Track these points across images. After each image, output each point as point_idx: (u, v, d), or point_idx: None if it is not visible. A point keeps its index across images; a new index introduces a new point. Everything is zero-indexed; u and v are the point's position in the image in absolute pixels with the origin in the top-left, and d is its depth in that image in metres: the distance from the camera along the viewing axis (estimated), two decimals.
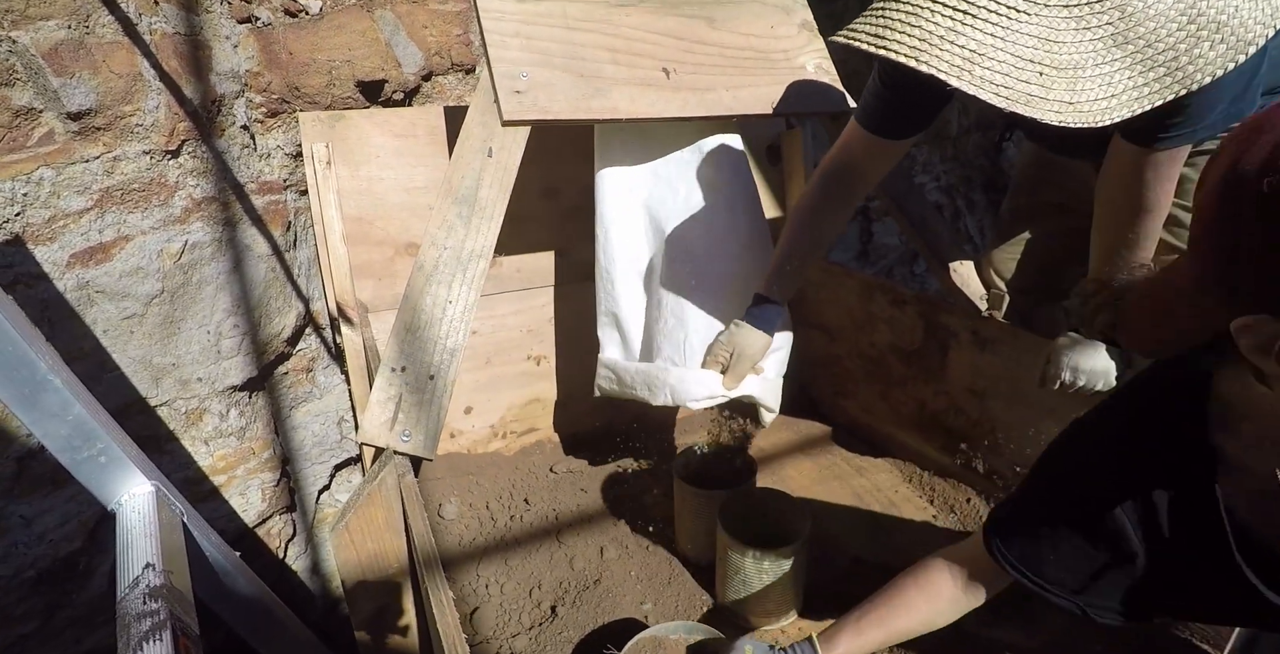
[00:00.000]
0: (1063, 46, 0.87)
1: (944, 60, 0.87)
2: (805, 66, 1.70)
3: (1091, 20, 0.87)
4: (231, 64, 1.56)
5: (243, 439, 1.68)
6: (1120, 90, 0.89)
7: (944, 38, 0.87)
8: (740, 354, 1.48)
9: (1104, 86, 0.89)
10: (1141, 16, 0.87)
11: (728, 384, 1.49)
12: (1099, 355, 1.37)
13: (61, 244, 1.36)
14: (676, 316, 1.59)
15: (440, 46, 1.82)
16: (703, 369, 1.51)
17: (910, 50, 0.88)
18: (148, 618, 0.82)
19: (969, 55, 0.86)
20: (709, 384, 1.48)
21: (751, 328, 1.48)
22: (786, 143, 2.06)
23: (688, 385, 1.49)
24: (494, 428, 1.87)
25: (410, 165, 1.68)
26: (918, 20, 0.89)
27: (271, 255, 1.67)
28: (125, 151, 1.40)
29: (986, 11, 0.87)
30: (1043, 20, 0.87)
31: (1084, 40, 0.88)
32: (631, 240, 1.64)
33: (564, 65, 1.38)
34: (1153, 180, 1.18)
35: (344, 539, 1.13)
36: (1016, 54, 0.87)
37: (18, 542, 1.37)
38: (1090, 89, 0.88)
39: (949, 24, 0.87)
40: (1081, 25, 0.87)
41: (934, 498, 1.72)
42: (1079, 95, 0.88)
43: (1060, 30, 0.87)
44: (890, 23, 0.91)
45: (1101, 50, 0.88)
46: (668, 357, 1.59)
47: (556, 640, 1.32)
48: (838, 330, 2.01)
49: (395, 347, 1.24)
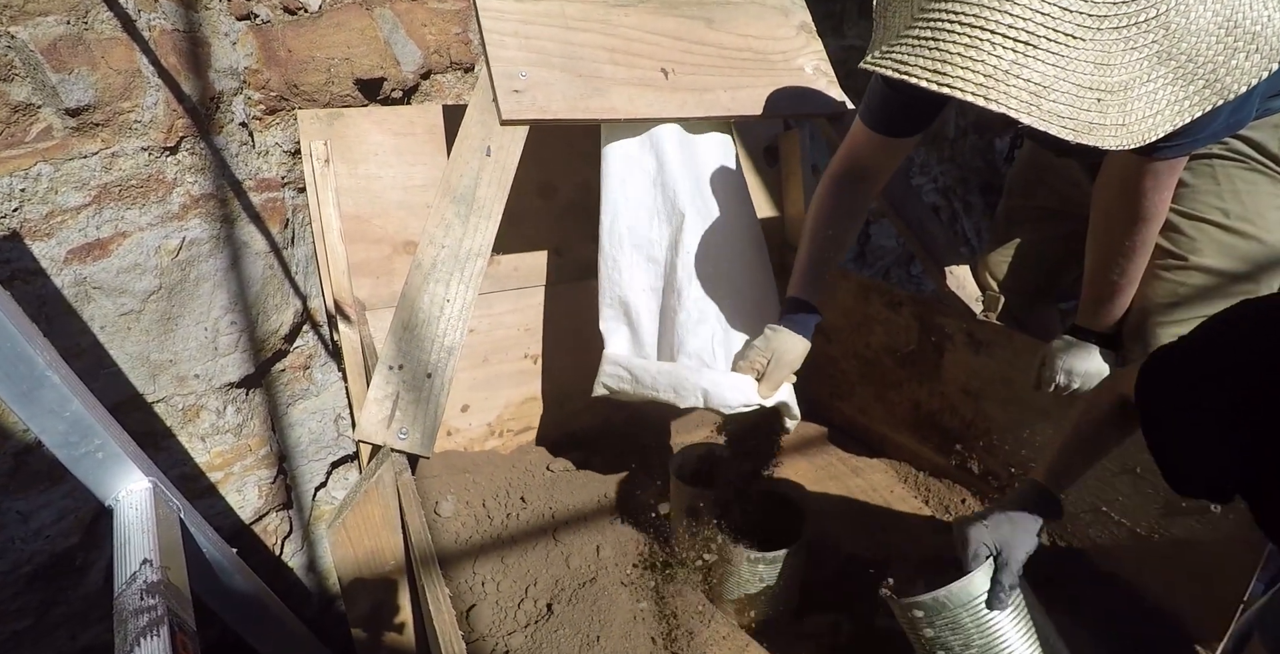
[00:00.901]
0: (1114, 69, 0.86)
1: (1012, 97, 0.84)
2: (804, 68, 1.70)
3: (1139, 40, 0.86)
4: (230, 61, 1.56)
5: (239, 436, 1.69)
6: (1164, 105, 0.89)
7: (1009, 72, 0.84)
8: (779, 361, 1.41)
9: (1150, 104, 0.89)
10: (1184, 32, 0.86)
11: (764, 392, 1.41)
12: (1092, 358, 1.38)
13: (59, 240, 1.36)
14: (700, 310, 1.50)
15: (439, 45, 1.83)
16: (736, 373, 1.44)
17: (977, 88, 0.85)
18: (145, 614, 0.82)
19: (1035, 90, 0.84)
20: (745, 391, 1.40)
21: (791, 333, 1.42)
22: (784, 144, 2.07)
23: (722, 390, 1.40)
24: (491, 426, 1.88)
25: (409, 164, 1.68)
26: (979, 54, 0.85)
27: (269, 252, 1.67)
28: (123, 148, 1.40)
29: (1047, 41, 0.84)
30: (1097, 45, 0.85)
31: (1132, 60, 0.87)
32: (640, 224, 1.56)
33: (562, 65, 1.38)
34: (1151, 189, 1.19)
35: (341, 536, 1.14)
36: (1077, 82, 0.85)
37: (14, 537, 1.37)
38: (1139, 108, 0.88)
39: (1012, 57, 0.84)
40: (1130, 45, 0.86)
41: (929, 498, 1.73)
42: (1129, 116, 0.88)
43: (1112, 53, 0.86)
44: (948, 56, 0.87)
45: (1148, 68, 0.88)
46: (694, 353, 1.48)
47: (552, 638, 1.32)
48: (834, 332, 2.02)
49: (393, 345, 1.24)
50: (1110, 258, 1.30)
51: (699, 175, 1.61)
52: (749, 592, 1.32)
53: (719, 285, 1.53)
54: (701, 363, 1.46)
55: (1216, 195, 1.33)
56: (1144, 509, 1.36)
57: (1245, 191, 1.31)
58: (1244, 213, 1.32)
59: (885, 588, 1.16)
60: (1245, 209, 1.32)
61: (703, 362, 1.46)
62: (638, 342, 1.57)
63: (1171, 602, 1.33)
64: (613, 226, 1.55)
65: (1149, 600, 1.36)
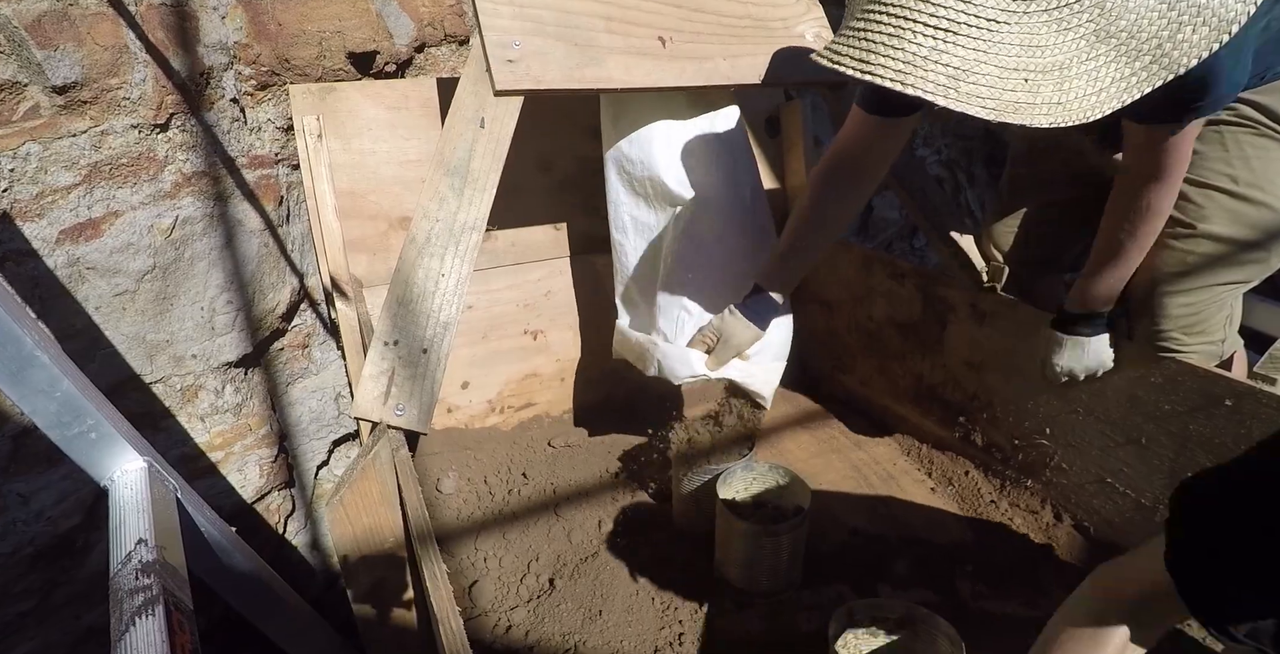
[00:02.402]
0: (1045, 50, 0.88)
1: (929, 81, 0.87)
2: (804, 35, 1.66)
3: (1072, 21, 0.87)
4: (219, 35, 1.53)
5: (239, 415, 1.68)
6: (1107, 83, 0.89)
7: (927, 58, 0.87)
8: (725, 342, 1.49)
9: (1092, 82, 0.89)
10: (1121, 9, 0.87)
11: (710, 365, 1.51)
12: (1088, 353, 1.37)
13: (50, 220, 1.35)
14: (672, 292, 1.60)
15: (433, 17, 1.79)
16: (688, 348, 1.53)
17: (896, 73, 0.88)
18: (140, 594, 0.82)
19: (954, 73, 0.87)
20: (692, 363, 1.50)
21: (741, 318, 1.49)
22: (786, 115, 2.03)
23: (671, 362, 1.51)
24: (491, 403, 1.87)
25: (403, 138, 1.66)
26: (900, 41, 0.89)
27: (264, 230, 1.66)
28: (113, 125, 1.38)
29: (967, 26, 0.87)
30: (1023, 27, 0.87)
31: (1066, 41, 0.88)
32: (640, 212, 1.64)
33: (557, 34, 1.35)
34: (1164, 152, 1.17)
35: (339, 514, 1.13)
36: (1000, 64, 0.87)
37: (15, 519, 1.37)
38: (1078, 86, 0.89)
39: (931, 44, 0.87)
40: (1063, 27, 0.87)
41: (932, 471, 1.72)
42: (1066, 94, 0.88)
43: (1041, 34, 0.87)
44: (874, 45, 0.90)
45: (1085, 48, 0.88)
46: (660, 330, 1.61)
47: (555, 613, 1.32)
48: (836, 304, 2.00)
49: (388, 320, 1.23)
50: (1121, 219, 1.27)
51: (698, 150, 1.59)
52: (752, 564, 1.32)
53: (699, 267, 1.61)
54: (663, 337, 1.61)
55: (1225, 162, 1.30)
56: (1149, 480, 1.35)
57: (1255, 157, 1.29)
58: (1253, 179, 1.29)
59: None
60: (1255, 175, 1.29)
61: (665, 336, 1.61)
62: (635, 315, 1.71)
63: None
64: (617, 215, 1.66)
65: None
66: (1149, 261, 1.42)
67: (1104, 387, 1.39)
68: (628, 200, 1.64)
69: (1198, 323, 1.40)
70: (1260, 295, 2.36)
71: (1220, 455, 1.22)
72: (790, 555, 1.33)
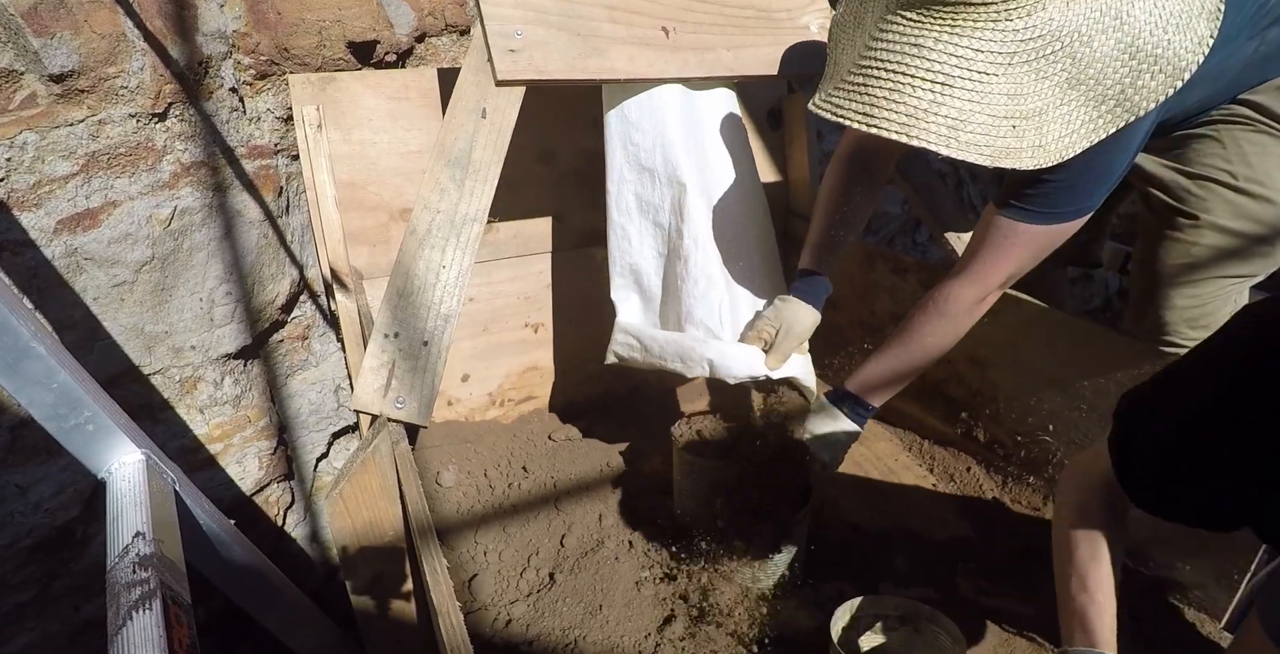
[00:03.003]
0: (1027, 98, 0.96)
1: (931, 132, 0.95)
2: (809, 26, 1.65)
3: (1048, 69, 0.95)
4: (218, 24, 1.51)
5: (238, 407, 1.67)
6: (1078, 125, 0.98)
7: (928, 111, 0.95)
8: (788, 331, 1.42)
9: (1065, 125, 0.98)
10: (1090, 59, 0.95)
11: (771, 363, 1.42)
12: (835, 430, 1.37)
13: (48, 210, 1.34)
14: (707, 277, 1.48)
15: (433, 6, 1.78)
16: (743, 344, 1.44)
17: (899, 127, 0.96)
18: (137, 587, 0.81)
19: (953, 124, 0.95)
20: (752, 362, 1.40)
21: (800, 303, 1.43)
22: (788, 107, 2.02)
23: (729, 361, 1.40)
24: (492, 396, 1.86)
25: (404, 129, 1.65)
26: (901, 95, 0.96)
27: (264, 221, 1.65)
28: (110, 115, 1.37)
29: (961, 80, 0.94)
30: (1009, 78, 0.95)
31: (1044, 88, 0.96)
32: (645, 190, 1.53)
33: (560, 23, 1.34)
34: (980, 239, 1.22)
35: (338, 507, 1.12)
36: (991, 113, 0.95)
37: (14, 511, 1.37)
38: (1054, 129, 0.97)
39: (930, 97, 0.95)
40: (1041, 76, 0.96)
41: (934, 466, 1.71)
42: (1045, 137, 0.97)
43: (1024, 84, 0.95)
44: (875, 100, 0.97)
45: (1059, 94, 0.97)
46: (700, 322, 1.47)
47: (555, 607, 1.31)
48: (839, 299, 1.98)
49: (388, 312, 1.22)
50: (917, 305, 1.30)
51: (702, 138, 1.57)
52: (754, 561, 1.32)
53: (725, 252, 1.51)
54: (709, 332, 1.46)
55: (1223, 158, 1.30)
56: None
57: (1253, 154, 1.28)
58: (1253, 175, 1.28)
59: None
60: (1254, 171, 1.28)
61: (710, 331, 1.46)
62: (649, 309, 1.58)
63: (1176, 572, 1.32)
64: (619, 194, 1.55)
65: (1154, 570, 1.35)
66: (1150, 256, 1.42)
67: (1107, 383, 1.38)
68: (633, 177, 1.52)
69: (1203, 317, 1.39)
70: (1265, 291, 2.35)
71: None
72: (793, 553, 1.33)
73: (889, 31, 0.98)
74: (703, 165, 1.54)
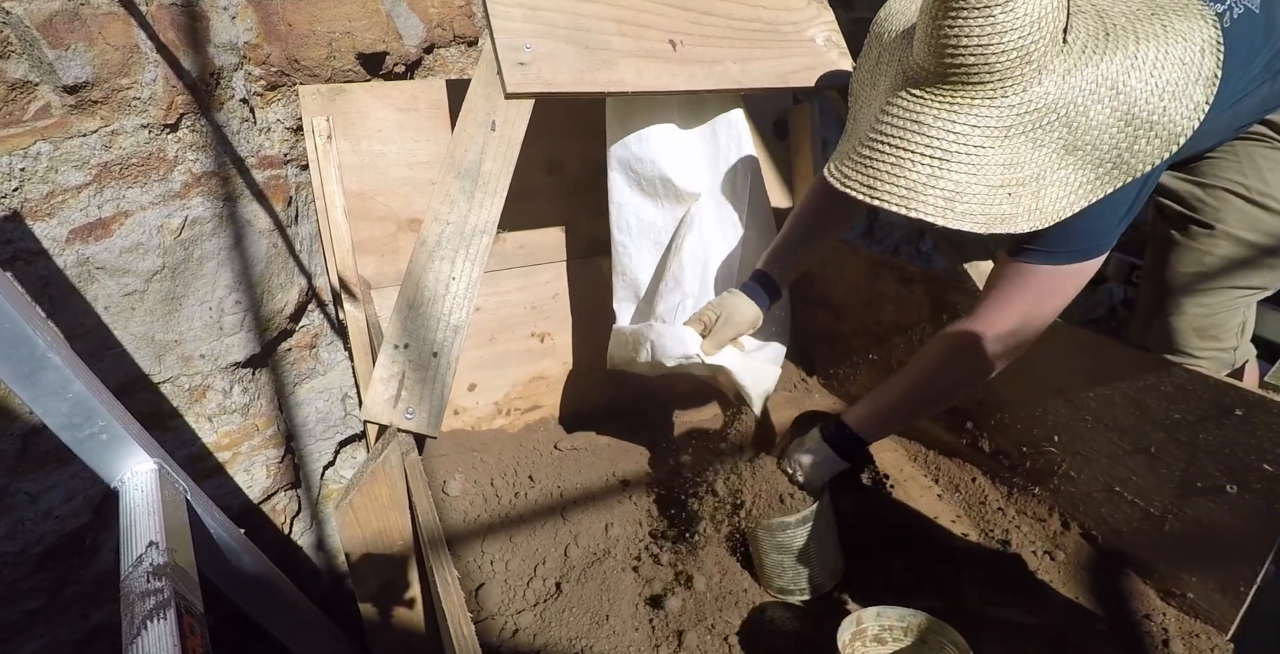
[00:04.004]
0: (1024, 165, 0.99)
1: (929, 204, 0.99)
2: (814, 39, 1.66)
3: (1044, 138, 0.99)
4: (229, 36, 1.53)
5: (246, 416, 1.68)
6: (1075, 186, 1.01)
7: (926, 184, 0.99)
8: (727, 319, 1.45)
9: (1063, 187, 1.01)
10: (1085, 126, 0.98)
11: (706, 348, 1.44)
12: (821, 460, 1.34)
13: (60, 219, 1.35)
14: (675, 279, 1.57)
15: (442, 18, 1.79)
16: (685, 326, 1.46)
17: (899, 200, 1.01)
18: (151, 596, 0.82)
19: (949, 195, 0.99)
20: (687, 342, 1.43)
21: (743, 296, 1.47)
22: (794, 118, 2.03)
23: (665, 340, 1.44)
24: (498, 405, 1.87)
25: (412, 140, 1.66)
26: (901, 170, 1.01)
27: (273, 231, 1.66)
28: (123, 125, 1.39)
29: (958, 154, 0.98)
30: (1006, 149, 0.98)
31: (1041, 155, 1.00)
32: (646, 211, 1.62)
33: (568, 37, 1.35)
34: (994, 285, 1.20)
35: (348, 517, 1.13)
36: (988, 183, 0.99)
37: (24, 518, 1.37)
38: (1052, 192, 1.01)
39: (929, 171, 0.99)
40: (1037, 144, 0.99)
41: (939, 477, 1.72)
42: (1042, 200, 1.01)
43: (1020, 152, 0.99)
44: (878, 173, 1.03)
45: (1056, 159, 1.00)
46: (660, 314, 1.56)
47: (562, 617, 1.32)
48: (844, 308, 2.00)
49: (398, 323, 1.23)
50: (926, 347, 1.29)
51: (701, 157, 1.60)
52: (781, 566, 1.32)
53: (703, 259, 1.59)
54: (660, 321, 1.53)
55: (1238, 171, 1.31)
56: (1158, 489, 1.35)
57: (1267, 169, 1.29)
58: (1266, 189, 1.30)
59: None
60: (1268, 186, 1.29)
61: (661, 320, 1.54)
62: (636, 315, 1.68)
63: (1183, 584, 1.32)
64: (620, 216, 1.63)
65: (1160, 582, 1.35)
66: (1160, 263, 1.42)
67: (1113, 394, 1.39)
68: (634, 200, 1.62)
69: (1211, 327, 1.40)
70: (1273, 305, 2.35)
71: (1231, 466, 1.22)
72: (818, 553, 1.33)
73: (894, 107, 1.04)
74: (704, 179, 1.61)
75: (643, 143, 1.57)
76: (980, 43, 0.93)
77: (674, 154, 1.58)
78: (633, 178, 1.61)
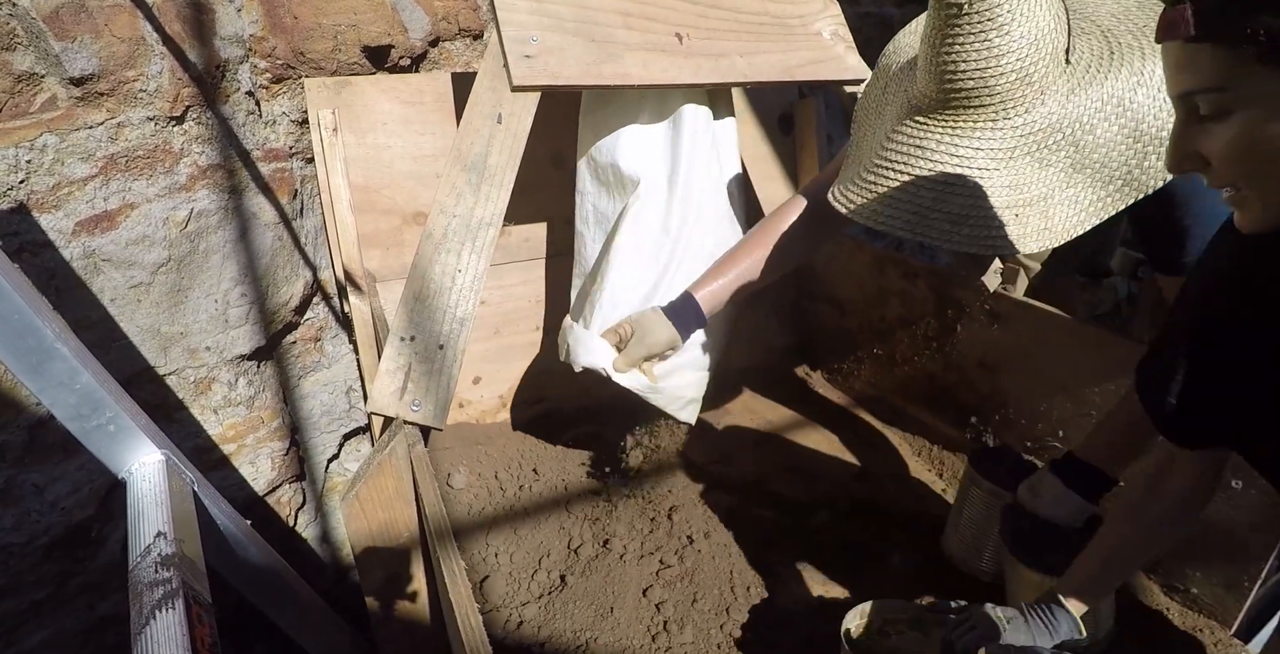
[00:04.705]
0: (1030, 186, 0.99)
1: (934, 229, 1.01)
2: (821, 33, 1.66)
3: (1050, 158, 0.98)
4: (235, 28, 1.53)
5: (252, 408, 1.68)
6: (1086, 204, 1.00)
7: (931, 208, 1.00)
8: (640, 339, 1.38)
9: (1072, 205, 1.00)
10: (1093, 145, 0.97)
11: (618, 365, 1.39)
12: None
13: (66, 212, 1.35)
14: (607, 281, 1.51)
15: (447, 11, 1.79)
16: (600, 338, 1.41)
17: (905, 224, 1.02)
18: (160, 587, 0.82)
19: (955, 219, 1.00)
20: (598, 355, 1.39)
21: (662, 317, 1.38)
22: (799, 112, 2.03)
23: (579, 347, 1.40)
24: (503, 398, 1.87)
25: (418, 133, 1.66)
26: (907, 195, 1.02)
27: (278, 223, 1.66)
28: (129, 117, 1.38)
29: (962, 178, 0.99)
30: (1010, 170, 0.98)
31: (1048, 175, 0.99)
32: (601, 201, 1.59)
33: (575, 29, 1.35)
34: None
35: (355, 509, 1.13)
36: (994, 205, 0.98)
37: (30, 509, 1.38)
38: (1061, 211, 1.00)
39: (933, 195, 1.00)
40: (1043, 164, 0.99)
41: (943, 471, 1.72)
42: (1051, 220, 1.00)
43: (1026, 173, 0.98)
44: (884, 199, 1.05)
45: (1064, 177, 0.99)
46: (584, 316, 1.52)
47: (566, 610, 1.32)
48: (849, 304, 2.00)
49: (404, 316, 1.23)
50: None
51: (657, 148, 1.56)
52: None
53: (641, 260, 1.53)
54: (584, 324, 1.51)
55: None
56: None
57: None
58: None
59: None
60: None
61: (584, 319, 1.52)
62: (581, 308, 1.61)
63: (1187, 579, 1.32)
64: (581, 204, 1.63)
65: (1164, 577, 1.36)
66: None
67: (1118, 389, 1.38)
68: (592, 190, 1.60)
69: None
70: None
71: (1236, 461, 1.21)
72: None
73: (899, 134, 1.04)
74: (650, 171, 1.54)
75: (599, 131, 1.55)
76: (979, 66, 0.93)
77: (628, 141, 1.53)
78: (592, 166, 1.59)
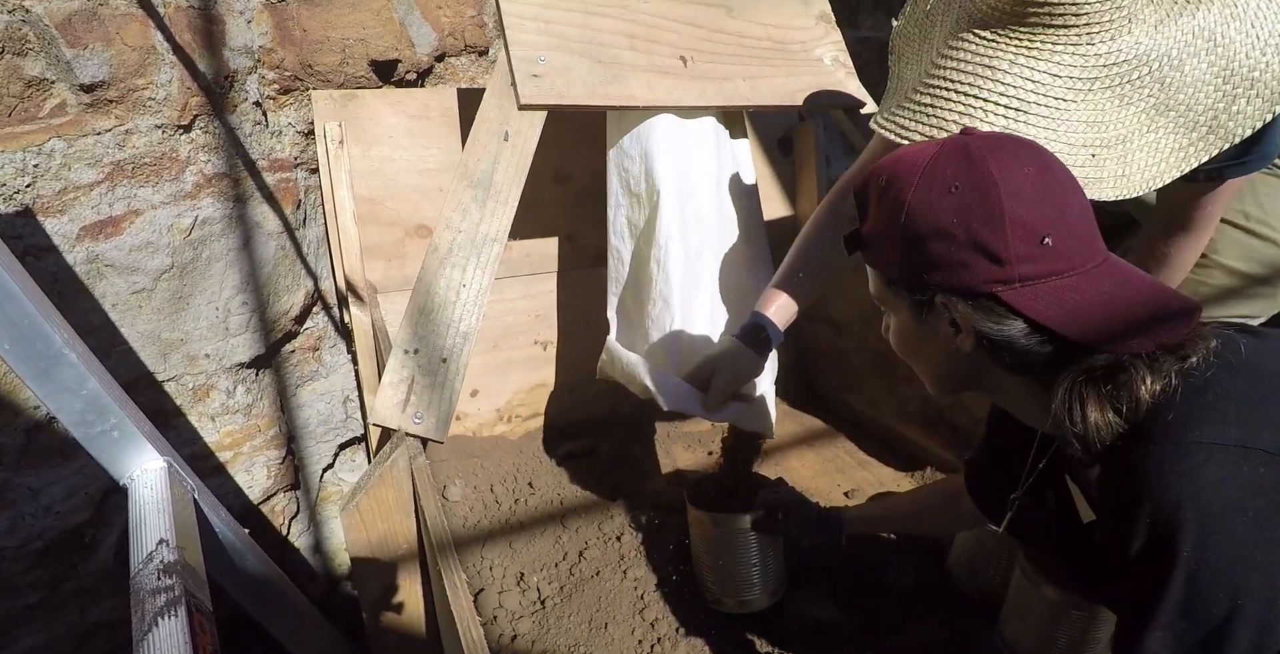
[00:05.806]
0: (1109, 125, 0.89)
1: None
2: (822, 59, 1.69)
3: (1133, 95, 0.89)
4: (245, 39, 1.54)
5: (249, 416, 1.69)
6: (1167, 153, 0.91)
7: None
8: (730, 377, 1.34)
9: (1152, 154, 0.91)
10: (1180, 84, 0.88)
11: (710, 406, 1.36)
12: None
13: (72, 217, 1.35)
14: (668, 306, 1.53)
15: (454, 27, 1.81)
16: (684, 380, 1.39)
17: None
18: (162, 594, 0.82)
19: None
20: (687, 399, 1.37)
21: (743, 348, 1.33)
22: (799, 135, 2.05)
23: (666, 391, 1.38)
24: (500, 411, 1.88)
25: (423, 147, 1.67)
26: (972, 121, 0.90)
27: (281, 233, 1.67)
28: (137, 125, 1.40)
29: (1036, 105, 0.88)
30: (1089, 104, 0.88)
31: (1129, 115, 0.89)
32: (636, 216, 1.59)
33: (582, 50, 1.37)
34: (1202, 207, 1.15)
35: (354, 519, 1.14)
36: (1069, 141, 0.88)
37: (25, 513, 1.37)
38: (1139, 159, 0.90)
39: (1003, 123, 0.88)
40: (1125, 102, 0.89)
41: None
42: (1129, 167, 0.90)
43: (1106, 110, 0.89)
44: (944, 123, 0.91)
45: (1146, 120, 0.90)
46: (655, 342, 1.52)
47: (560, 624, 1.32)
48: (845, 324, 2.01)
49: (408, 329, 1.24)
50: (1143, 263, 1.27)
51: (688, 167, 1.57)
52: (719, 565, 1.31)
53: (695, 281, 1.55)
54: (659, 355, 1.53)
55: (1237, 199, 1.33)
56: None
57: (1265, 195, 1.31)
58: (1263, 216, 1.32)
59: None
60: (1264, 212, 1.32)
61: (658, 355, 1.53)
62: (631, 330, 1.63)
63: None
64: (615, 218, 1.62)
65: None
66: None
67: None
68: (625, 202, 1.59)
69: None
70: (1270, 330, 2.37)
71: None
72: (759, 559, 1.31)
73: (960, 50, 0.92)
74: (684, 192, 1.55)
75: (633, 140, 1.54)
76: None
77: (664, 150, 1.53)
78: (623, 177, 1.58)
